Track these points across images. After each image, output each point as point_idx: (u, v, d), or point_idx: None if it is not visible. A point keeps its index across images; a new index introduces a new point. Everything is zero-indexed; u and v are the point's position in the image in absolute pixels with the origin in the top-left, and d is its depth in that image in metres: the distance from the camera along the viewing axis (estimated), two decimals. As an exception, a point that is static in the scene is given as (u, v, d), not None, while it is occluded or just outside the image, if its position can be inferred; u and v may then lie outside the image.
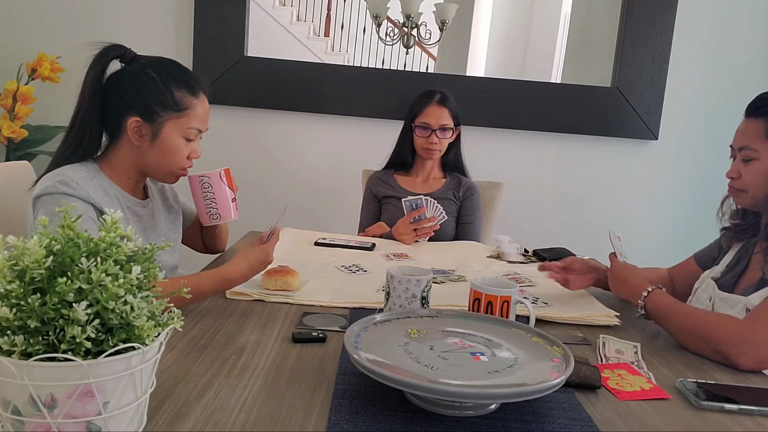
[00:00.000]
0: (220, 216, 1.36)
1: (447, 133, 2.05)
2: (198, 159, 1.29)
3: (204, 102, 1.27)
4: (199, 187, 1.34)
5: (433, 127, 2.03)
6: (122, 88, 1.22)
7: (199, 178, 1.33)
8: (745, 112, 1.27)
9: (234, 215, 1.38)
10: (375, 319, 0.97)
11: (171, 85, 1.22)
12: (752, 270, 1.25)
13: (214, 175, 1.34)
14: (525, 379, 0.80)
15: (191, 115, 1.24)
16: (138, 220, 1.29)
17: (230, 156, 2.59)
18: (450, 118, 2.05)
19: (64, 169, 1.18)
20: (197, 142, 1.29)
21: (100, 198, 1.18)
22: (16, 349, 0.58)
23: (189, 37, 2.54)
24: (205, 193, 1.34)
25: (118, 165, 1.26)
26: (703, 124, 2.69)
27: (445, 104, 2.05)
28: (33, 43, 2.50)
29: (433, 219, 1.91)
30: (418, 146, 2.09)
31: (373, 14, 2.80)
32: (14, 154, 2.37)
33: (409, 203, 1.92)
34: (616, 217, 2.74)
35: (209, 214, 1.36)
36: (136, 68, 1.23)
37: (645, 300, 1.20)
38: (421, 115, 2.05)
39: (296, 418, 0.78)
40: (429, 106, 2.04)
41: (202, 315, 1.14)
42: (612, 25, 2.64)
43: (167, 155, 1.24)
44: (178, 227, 1.45)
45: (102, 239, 0.63)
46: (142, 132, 1.21)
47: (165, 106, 1.21)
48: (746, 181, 1.24)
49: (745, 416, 0.88)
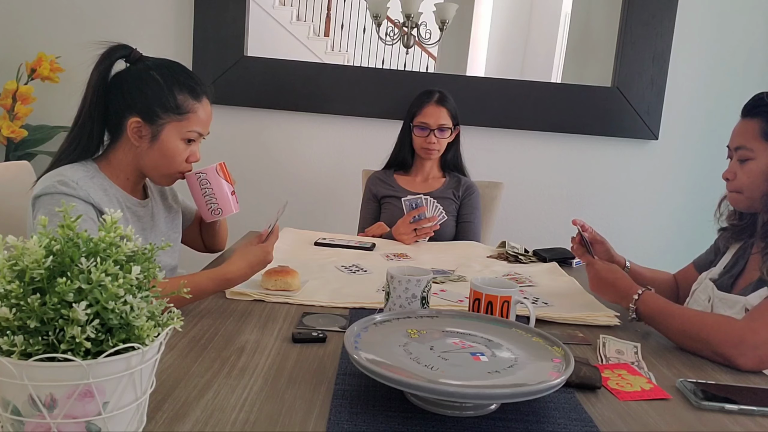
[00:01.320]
0: (221, 210, 1.35)
1: (445, 133, 2.05)
2: (200, 157, 1.29)
3: (206, 106, 1.27)
4: (197, 184, 1.33)
5: (431, 127, 2.03)
6: (125, 88, 1.22)
7: (196, 176, 1.32)
8: (742, 112, 1.27)
9: (235, 208, 1.38)
10: (375, 319, 0.97)
11: (174, 87, 1.22)
12: (750, 270, 1.25)
13: (211, 170, 1.33)
14: (525, 379, 0.80)
15: (192, 119, 1.24)
16: (137, 220, 1.29)
17: (230, 156, 2.59)
18: (449, 118, 2.04)
19: (64, 169, 1.18)
20: (197, 146, 1.29)
21: (99, 198, 1.18)
22: (16, 349, 0.58)
23: (189, 37, 2.54)
24: (204, 190, 1.33)
25: (117, 165, 1.26)
26: (703, 124, 2.69)
27: (444, 104, 2.05)
28: (33, 43, 2.50)
29: (433, 219, 1.90)
30: (416, 146, 2.09)
31: (373, 14, 2.80)
32: (14, 154, 2.37)
33: (409, 202, 1.92)
34: (616, 217, 2.74)
35: (210, 210, 1.35)
36: (140, 69, 1.23)
37: (636, 303, 1.19)
38: (420, 114, 2.05)
39: (296, 418, 0.78)
40: (427, 106, 2.04)
41: (202, 315, 1.13)
42: (612, 25, 2.64)
43: (166, 157, 1.24)
44: (177, 227, 1.45)
45: (102, 239, 0.63)
46: (142, 133, 1.21)
47: (166, 108, 1.21)
48: (742, 182, 1.24)
49: (745, 416, 0.88)
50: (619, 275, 1.27)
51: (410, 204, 1.92)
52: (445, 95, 2.08)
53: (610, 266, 1.30)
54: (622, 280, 1.25)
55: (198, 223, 1.57)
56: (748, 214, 1.29)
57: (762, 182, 1.21)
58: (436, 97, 2.06)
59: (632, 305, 1.19)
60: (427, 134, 2.04)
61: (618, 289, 1.24)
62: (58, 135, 2.40)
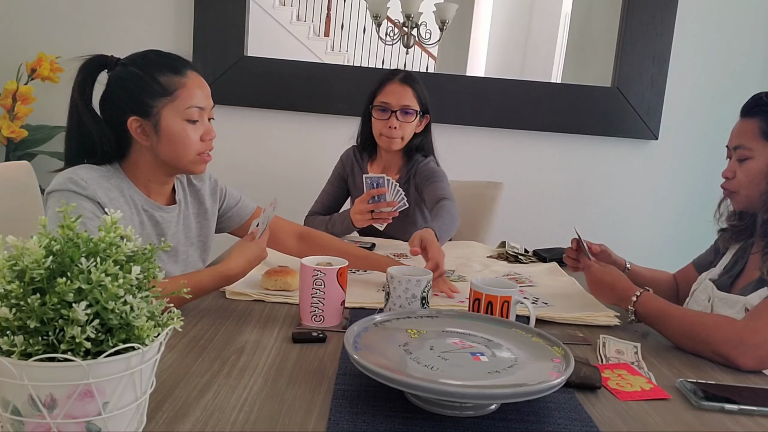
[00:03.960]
0: (323, 319, 1.12)
1: (410, 117, 1.79)
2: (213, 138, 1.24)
3: (195, 78, 1.22)
4: (311, 280, 1.11)
5: (392, 108, 1.77)
6: (113, 94, 1.21)
7: (314, 271, 1.10)
8: (741, 112, 1.27)
9: (337, 320, 1.14)
10: (375, 319, 0.97)
11: (154, 72, 1.19)
12: (750, 270, 1.25)
13: (331, 272, 1.11)
14: (525, 379, 0.80)
15: (183, 96, 1.20)
16: (154, 225, 1.27)
17: (230, 156, 2.59)
18: (414, 100, 1.79)
19: (79, 168, 1.18)
20: (206, 122, 1.24)
21: (112, 197, 1.17)
22: (16, 349, 0.58)
23: (189, 37, 2.54)
24: (315, 290, 1.11)
25: (138, 169, 1.24)
26: (703, 124, 2.69)
27: (409, 83, 1.79)
28: (33, 43, 2.50)
29: (393, 204, 1.72)
30: (375, 132, 1.83)
31: (373, 14, 2.80)
32: (14, 154, 2.37)
33: (370, 180, 1.74)
34: (616, 217, 2.74)
35: (312, 315, 1.12)
36: (119, 71, 1.21)
37: (635, 305, 1.19)
38: (381, 93, 1.80)
39: (296, 418, 0.78)
40: (389, 84, 1.79)
41: (202, 315, 1.13)
42: (612, 25, 2.63)
43: (176, 143, 1.20)
44: (208, 238, 1.42)
45: (102, 239, 0.63)
46: (145, 130, 1.20)
47: (154, 94, 1.18)
48: (741, 181, 1.24)
49: (745, 416, 0.88)
50: (617, 277, 1.26)
51: (370, 182, 1.74)
52: (413, 75, 1.83)
53: (607, 268, 1.30)
54: (619, 282, 1.25)
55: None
56: (748, 214, 1.29)
57: (761, 181, 1.22)
58: (401, 75, 1.81)
59: (631, 307, 1.19)
60: (387, 116, 1.77)
61: (616, 291, 1.24)
62: (58, 135, 2.39)
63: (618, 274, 1.28)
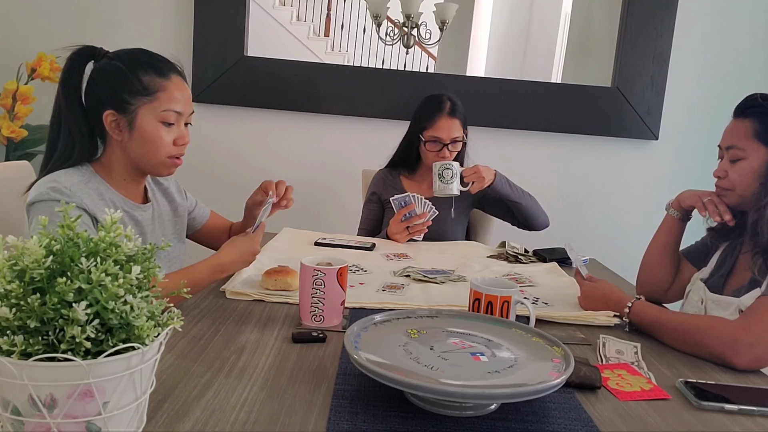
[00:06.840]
0: (323, 319, 1.12)
1: (458, 145, 1.96)
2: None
3: (178, 83, 1.23)
4: (310, 280, 1.11)
5: (444, 141, 1.92)
6: (94, 85, 1.21)
7: (314, 272, 1.11)
8: (734, 113, 1.28)
9: (337, 320, 1.14)
10: (375, 319, 0.97)
11: (138, 70, 1.19)
12: (741, 270, 1.25)
13: (331, 272, 1.11)
14: (525, 379, 0.80)
15: (163, 98, 1.20)
16: (135, 224, 1.27)
17: (230, 156, 2.59)
18: (461, 128, 1.94)
19: (57, 175, 1.17)
20: (182, 127, 1.24)
21: (94, 204, 1.17)
22: (16, 349, 0.58)
23: (189, 37, 2.54)
24: (315, 290, 1.11)
25: (110, 166, 1.25)
26: (703, 124, 2.69)
27: (456, 114, 1.93)
28: (33, 43, 2.49)
29: (424, 215, 1.86)
30: (427, 160, 1.97)
31: (373, 14, 2.80)
32: (14, 154, 2.37)
33: (398, 201, 1.89)
34: (616, 217, 2.74)
35: (312, 315, 1.12)
36: (104, 63, 1.22)
37: (629, 316, 1.20)
38: (431, 128, 1.93)
39: (296, 418, 0.78)
40: (439, 119, 1.92)
41: (202, 315, 1.13)
42: (612, 25, 2.63)
43: (148, 143, 1.21)
44: (182, 232, 1.44)
45: (102, 239, 0.63)
46: (119, 125, 1.20)
47: (134, 92, 1.18)
48: (733, 181, 1.25)
49: (745, 416, 0.88)
50: (608, 290, 1.27)
51: (398, 203, 1.89)
52: (455, 102, 1.96)
53: (598, 283, 1.31)
54: (611, 294, 1.26)
55: (220, 227, 1.57)
56: (738, 213, 1.30)
57: (753, 181, 1.22)
58: (448, 108, 1.93)
59: (625, 318, 1.20)
60: (440, 149, 1.93)
61: (609, 304, 1.25)
62: (58, 135, 2.40)
63: (609, 286, 1.29)
